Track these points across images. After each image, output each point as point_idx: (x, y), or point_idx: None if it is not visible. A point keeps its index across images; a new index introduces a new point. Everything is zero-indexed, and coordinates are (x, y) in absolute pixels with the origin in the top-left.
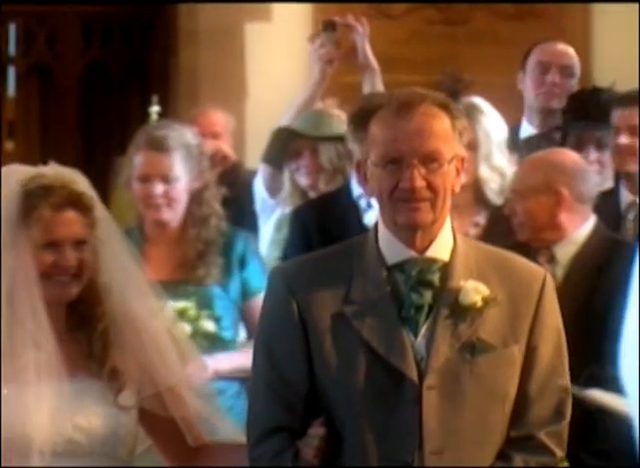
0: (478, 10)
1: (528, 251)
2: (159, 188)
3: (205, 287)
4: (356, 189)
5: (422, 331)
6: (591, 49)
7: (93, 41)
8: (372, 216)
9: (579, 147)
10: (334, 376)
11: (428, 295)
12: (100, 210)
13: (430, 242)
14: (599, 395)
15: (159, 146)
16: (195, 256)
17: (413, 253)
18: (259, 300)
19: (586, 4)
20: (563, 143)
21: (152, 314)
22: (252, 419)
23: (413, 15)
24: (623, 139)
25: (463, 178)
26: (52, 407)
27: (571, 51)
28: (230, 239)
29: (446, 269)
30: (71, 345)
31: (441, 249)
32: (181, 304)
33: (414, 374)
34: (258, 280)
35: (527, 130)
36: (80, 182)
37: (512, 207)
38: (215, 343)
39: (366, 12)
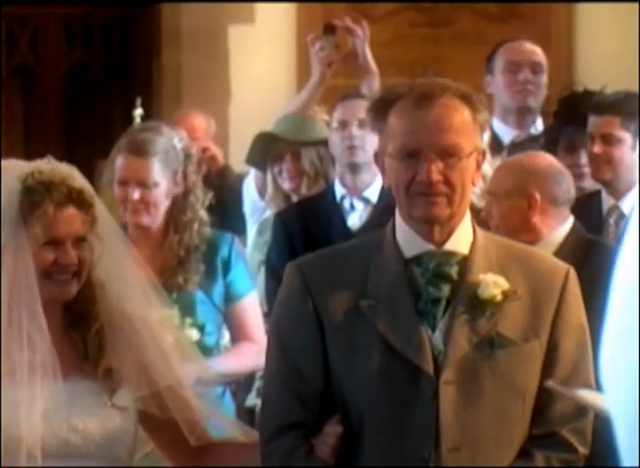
0: (461, 11)
1: None
2: (136, 193)
3: (187, 292)
4: (339, 192)
5: (440, 325)
6: (575, 49)
7: (75, 43)
8: (355, 219)
9: (570, 151)
10: (349, 371)
11: (446, 289)
12: (98, 206)
13: (449, 235)
14: (586, 394)
15: (139, 151)
16: (176, 263)
17: (430, 247)
18: (242, 305)
19: (570, 4)
20: (554, 147)
21: (151, 311)
22: (265, 415)
23: (395, 17)
24: (596, 148)
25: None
26: (45, 408)
27: (537, 48)
28: (215, 242)
29: (465, 262)
30: (66, 345)
31: (460, 242)
32: (165, 312)
33: (430, 368)
34: (242, 284)
35: (504, 131)
36: (76, 178)
37: (488, 209)
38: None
39: (347, 14)
